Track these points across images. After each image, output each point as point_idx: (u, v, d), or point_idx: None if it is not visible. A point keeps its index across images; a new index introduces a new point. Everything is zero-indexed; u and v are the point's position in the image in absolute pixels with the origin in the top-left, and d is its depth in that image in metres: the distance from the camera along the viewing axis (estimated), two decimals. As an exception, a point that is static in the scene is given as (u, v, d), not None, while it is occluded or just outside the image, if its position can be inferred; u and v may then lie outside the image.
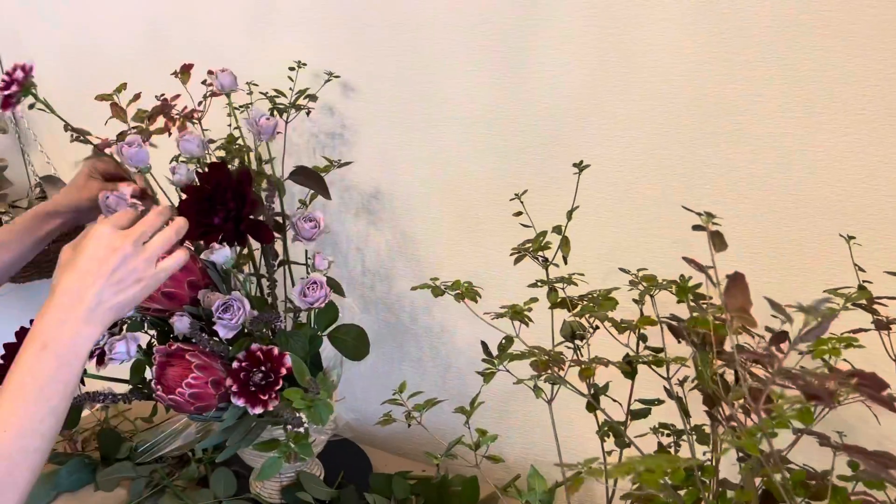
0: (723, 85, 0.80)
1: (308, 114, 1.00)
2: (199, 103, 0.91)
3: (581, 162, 0.72)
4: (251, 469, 1.04)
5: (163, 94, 0.93)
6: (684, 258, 0.49)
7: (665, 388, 0.75)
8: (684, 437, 0.73)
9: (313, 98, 0.97)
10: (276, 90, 0.98)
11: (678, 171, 0.86)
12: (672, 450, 0.72)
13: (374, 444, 1.19)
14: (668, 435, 0.72)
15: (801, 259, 0.81)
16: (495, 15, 0.89)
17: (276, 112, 0.96)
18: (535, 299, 0.71)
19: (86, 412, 1.05)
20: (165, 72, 1.18)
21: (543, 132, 0.92)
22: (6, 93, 0.75)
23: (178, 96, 0.92)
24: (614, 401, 0.75)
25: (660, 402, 0.74)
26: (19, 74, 0.75)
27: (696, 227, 0.45)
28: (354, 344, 0.91)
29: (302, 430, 0.69)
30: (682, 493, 0.65)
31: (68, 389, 0.63)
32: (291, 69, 1.00)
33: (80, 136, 0.82)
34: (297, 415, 0.69)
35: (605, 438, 0.76)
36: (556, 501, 0.70)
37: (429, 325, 1.12)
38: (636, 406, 0.76)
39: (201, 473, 1.06)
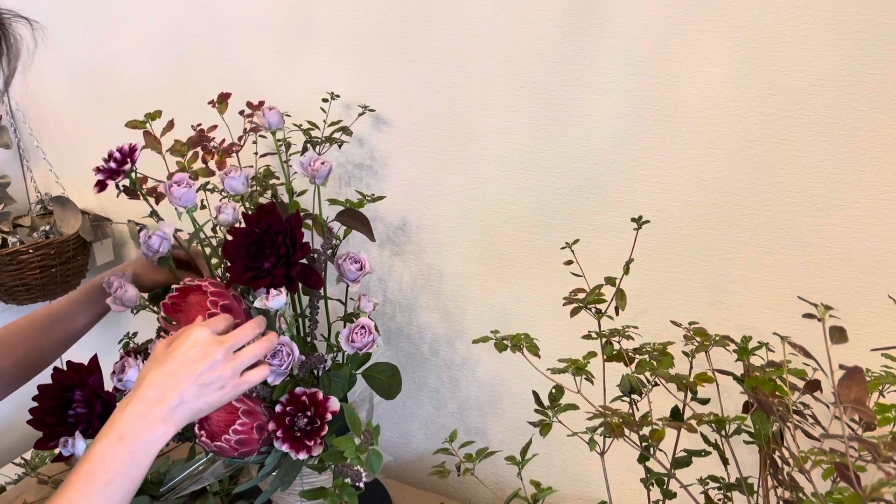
0: (765, 139, 0.82)
1: (340, 146, 0.99)
2: (240, 138, 0.89)
3: (640, 217, 0.73)
4: (270, 502, 1.03)
5: (199, 125, 0.91)
6: (790, 343, 0.50)
7: (704, 437, 0.76)
8: (731, 490, 0.74)
9: (348, 132, 0.96)
10: (310, 122, 0.96)
11: (714, 219, 0.87)
12: (721, 503, 0.73)
13: (388, 473, 1.18)
14: (719, 488, 0.73)
15: (833, 311, 0.83)
16: (539, 57, 0.89)
17: (309, 145, 0.95)
18: (593, 353, 0.71)
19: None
20: (189, 95, 1.16)
21: (579, 175, 0.92)
22: (114, 181, 0.78)
23: (214, 127, 0.90)
24: (659, 450, 0.76)
25: (706, 453, 0.75)
26: (127, 166, 0.78)
27: (807, 316, 0.46)
28: (388, 382, 0.90)
29: (361, 484, 0.68)
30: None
31: (132, 488, 0.62)
32: (325, 101, 0.99)
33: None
34: (357, 468, 0.68)
35: (651, 487, 0.77)
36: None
37: (450, 358, 1.12)
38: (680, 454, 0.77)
39: (219, 507, 1.04)
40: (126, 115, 1.23)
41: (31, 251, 1.12)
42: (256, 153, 0.99)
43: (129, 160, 0.77)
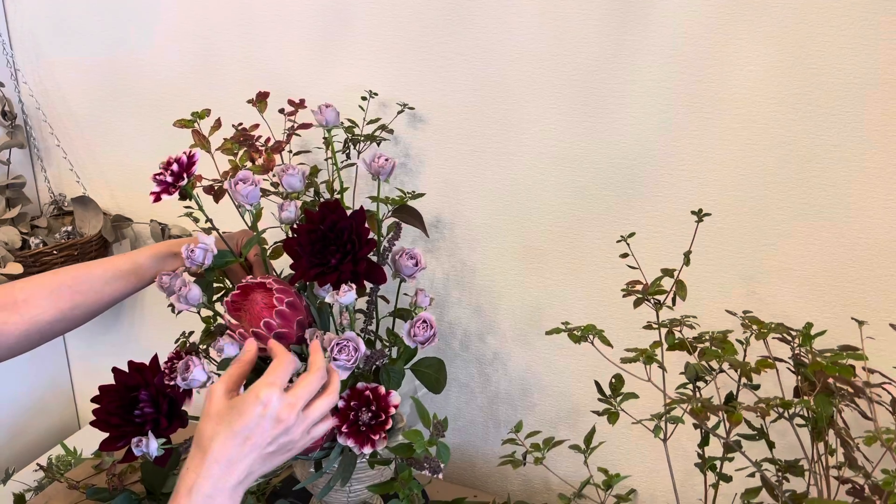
0: (802, 134, 0.85)
1: (379, 144, 0.99)
2: (289, 136, 0.89)
3: (700, 210, 0.75)
4: (309, 496, 1.04)
5: (241, 124, 0.91)
6: (892, 325, 0.52)
7: (747, 422, 0.79)
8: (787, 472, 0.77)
9: (389, 130, 0.97)
10: (350, 120, 0.97)
11: (750, 212, 0.90)
12: (778, 483, 0.76)
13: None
14: (778, 470, 0.76)
15: (863, 298, 0.87)
16: (580, 55, 0.91)
17: (350, 143, 0.96)
18: (658, 343, 0.73)
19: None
20: (216, 93, 1.15)
21: (618, 171, 0.95)
22: (175, 187, 0.76)
23: (256, 126, 0.90)
24: (714, 435, 0.79)
25: (758, 437, 0.78)
26: (183, 181, 0.77)
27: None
28: (436, 377, 0.92)
29: (428, 473, 0.70)
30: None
31: None
32: (363, 98, 0.99)
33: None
34: (436, 459, 0.69)
35: (706, 472, 0.80)
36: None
37: (481, 353, 1.13)
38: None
39: (257, 506, 1.04)
40: (147, 115, 1.23)
41: (54, 252, 1.10)
42: (291, 151, 0.99)
43: (185, 175, 0.76)
